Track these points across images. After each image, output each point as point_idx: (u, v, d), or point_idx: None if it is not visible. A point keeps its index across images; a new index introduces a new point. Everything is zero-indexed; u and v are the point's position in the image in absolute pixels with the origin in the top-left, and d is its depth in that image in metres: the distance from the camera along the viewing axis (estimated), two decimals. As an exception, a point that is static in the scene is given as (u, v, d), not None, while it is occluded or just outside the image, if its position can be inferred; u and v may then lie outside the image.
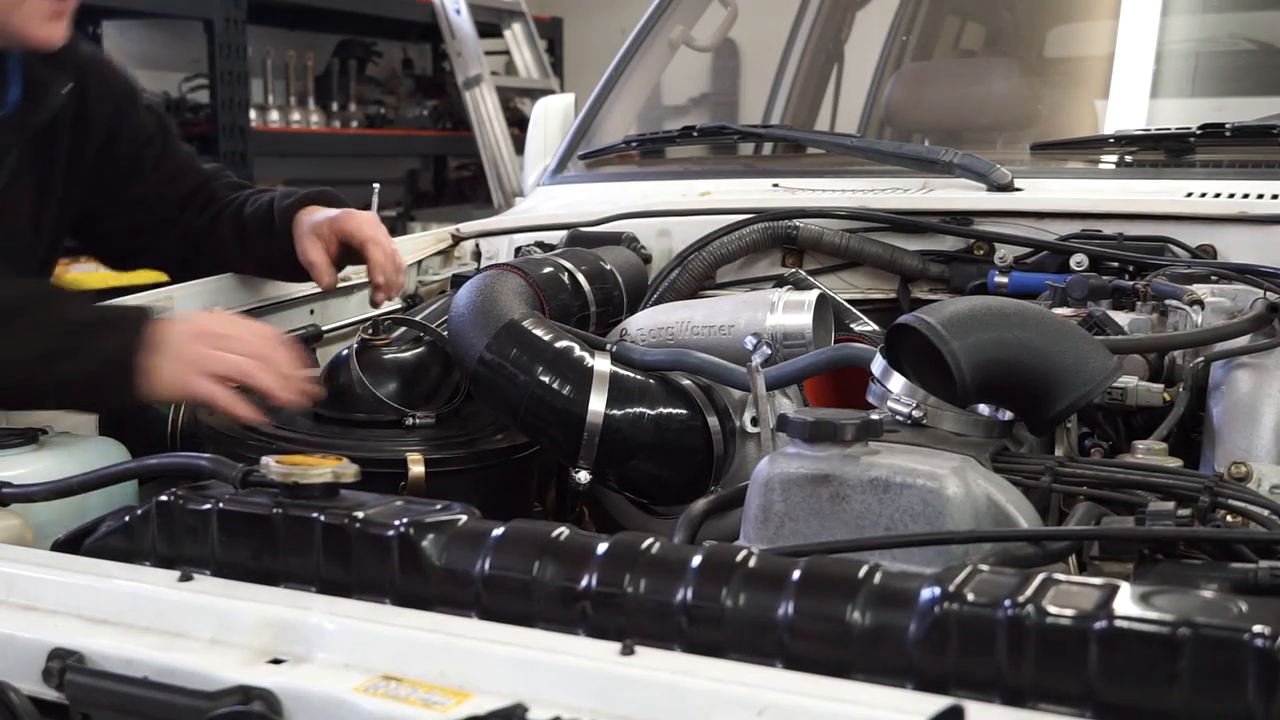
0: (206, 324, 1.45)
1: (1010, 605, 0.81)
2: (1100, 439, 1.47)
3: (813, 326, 1.59)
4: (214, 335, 1.43)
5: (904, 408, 1.26)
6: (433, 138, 7.00)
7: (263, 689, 0.87)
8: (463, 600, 0.97)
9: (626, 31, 2.95)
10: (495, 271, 1.77)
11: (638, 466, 1.53)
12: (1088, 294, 1.75)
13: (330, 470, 1.06)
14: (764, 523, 1.16)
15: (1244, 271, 1.72)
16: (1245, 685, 0.74)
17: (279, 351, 1.44)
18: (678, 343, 1.65)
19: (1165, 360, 1.54)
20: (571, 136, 2.73)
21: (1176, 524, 1.06)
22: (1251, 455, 1.33)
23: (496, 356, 1.53)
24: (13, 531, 1.23)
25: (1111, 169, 2.30)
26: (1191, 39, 3.06)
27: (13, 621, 0.98)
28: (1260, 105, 2.87)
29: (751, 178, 2.48)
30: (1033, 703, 0.79)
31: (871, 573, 0.88)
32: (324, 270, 1.85)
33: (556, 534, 0.98)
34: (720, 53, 5.93)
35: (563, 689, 0.83)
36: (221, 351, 1.42)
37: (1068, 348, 1.28)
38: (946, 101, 3.15)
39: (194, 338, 1.43)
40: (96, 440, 1.53)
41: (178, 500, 1.09)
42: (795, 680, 0.82)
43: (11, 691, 0.92)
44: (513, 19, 7.09)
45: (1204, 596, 0.82)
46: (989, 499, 1.12)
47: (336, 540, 1.02)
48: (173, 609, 0.97)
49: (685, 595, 0.91)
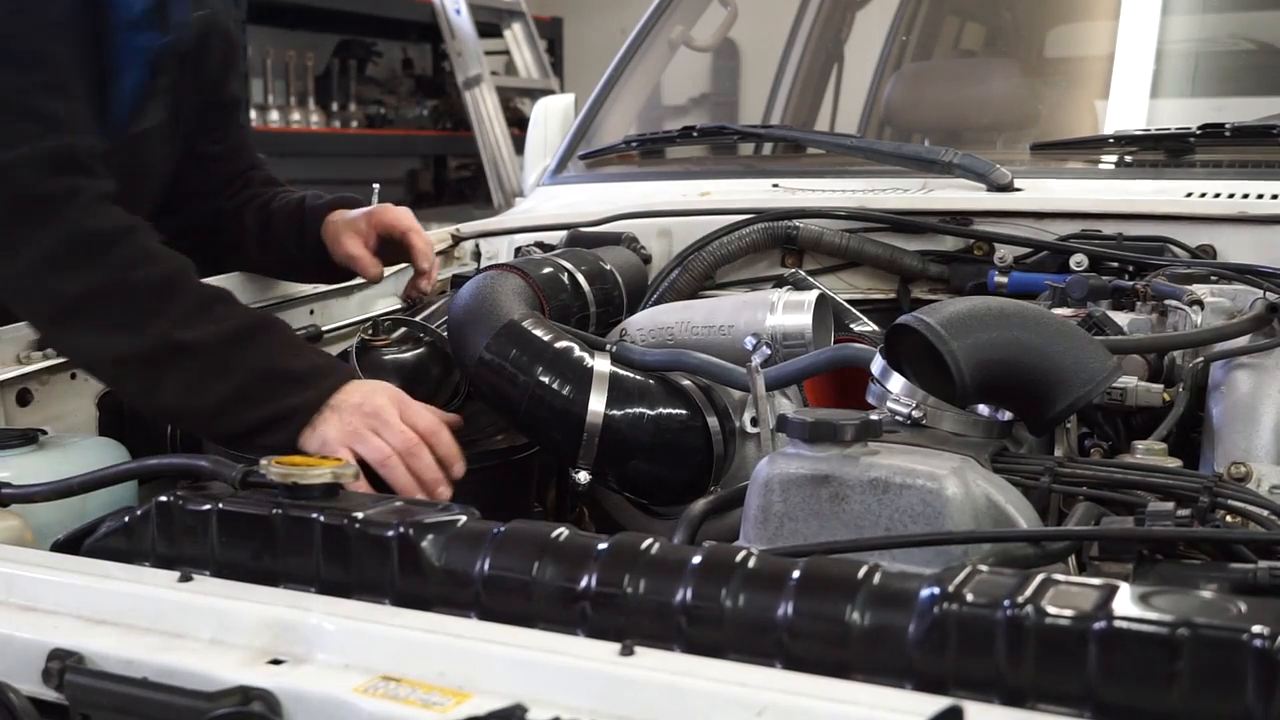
0: (378, 404, 1.44)
1: (1010, 606, 0.81)
2: (1100, 439, 1.47)
3: (812, 327, 1.59)
4: (377, 417, 1.43)
5: (903, 408, 1.26)
6: (433, 138, 7.01)
7: (262, 689, 0.87)
8: (462, 601, 0.97)
9: (626, 31, 2.96)
10: (495, 272, 1.77)
11: (637, 467, 1.53)
12: (1087, 294, 1.75)
13: (330, 471, 1.06)
14: (763, 523, 1.16)
15: (1244, 272, 1.72)
16: (1244, 686, 0.74)
17: (424, 453, 1.44)
18: (677, 343, 1.65)
19: (1165, 360, 1.54)
20: (571, 137, 2.73)
21: (1176, 524, 1.06)
22: (1251, 455, 1.33)
23: (496, 357, 1.53)
24: (13, 532, 1.23)
25: (1111, 169, 2.30)
26: (1191, 39, 3.07)
27: (12, 622, 0.98)
28: (1260, 105, 2.87)
29: (751, 178, 2.48)
30: (1032, 703, 0.79)
31: (871, 573, 0.88)
32: (368, 262, 1.88)
33: (556, 534, 0.98)
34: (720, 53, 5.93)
35: (562, 689, 0.83)
36: (375, 435, 1.42)
37: (1067, 348, 1.28)
38: (946, 101, 3.15)
39: (362, 415, 1.43)
40: (96, 441, 1.54)
41: (177, 501, 1.09)
42: (795, 681, 0.82)
43: (11, 692, 0.92)
44: (513, 19, 7.10)
45: (1203, 597, 0.82)
46: (988, 499, 1.13)
47: (336, 541, 1.02)
48: (172, 609, 0.97)
49: (685, 595, 0.91)
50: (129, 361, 1.43)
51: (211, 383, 1.42)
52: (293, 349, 1.48)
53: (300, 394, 1.43)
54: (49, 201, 1.41)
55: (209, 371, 1.42)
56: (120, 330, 1.42)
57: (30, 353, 1.62)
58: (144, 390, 1.46)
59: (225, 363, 1.42)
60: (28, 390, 1.62)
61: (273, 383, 1.43)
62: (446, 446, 1.47)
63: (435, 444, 1.46)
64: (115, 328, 1.42)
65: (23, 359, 1.61)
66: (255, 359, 1.43)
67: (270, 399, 1.43)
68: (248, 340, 1.44)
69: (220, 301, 1.48)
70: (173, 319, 1.41)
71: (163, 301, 1.42)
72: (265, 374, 1.44)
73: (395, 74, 7.24)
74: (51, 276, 1.41)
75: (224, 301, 1.48)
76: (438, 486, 1.44)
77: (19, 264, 1.42)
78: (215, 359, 1.42)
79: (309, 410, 1.43)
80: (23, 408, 1.61)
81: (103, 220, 1.43)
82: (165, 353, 1.41)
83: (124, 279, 1.42)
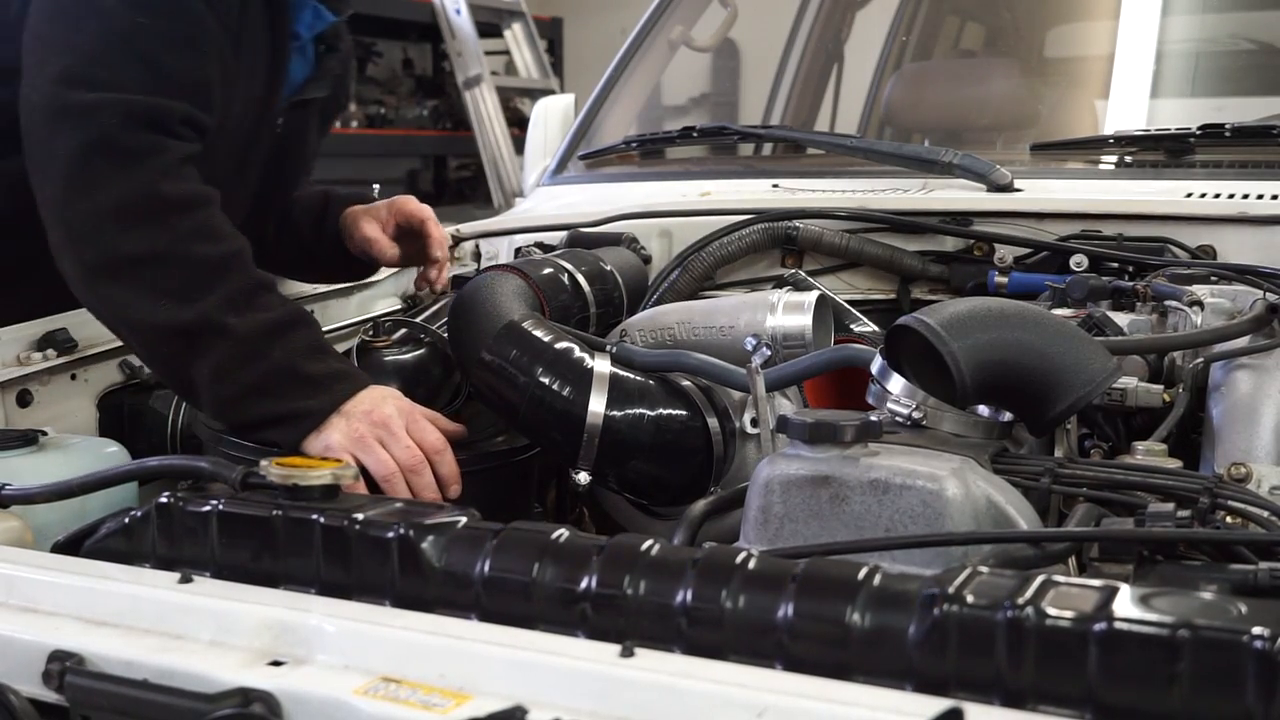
0: (386, 414, 1.45)
1: (1010, 607, 0.81)
2: (1100, 440, 1.47)
3: (812, 327, 1.59)
4: (385, 428, 1.44)
5: (903, 409, 1.26)
6: (433, 138, 7.00)
7: (262, 691, 0.87)
8: (462, 602, 0.97)
9: (626, 31, 2.96)
10: (495, 272, 1.77)
11: (638, 467, 1.53)
12: (1087, 295, 1.75)
13: (330, 472, 1.06)
14: (764, 524, 1.16)
15: (1244, 272, 1.72)
16: (1245, 687, 0.74)
17: (426, 472, 1.45)
18: (678, 344, 1.65)
19: (1165, 361, 1.54)
20: (571, 137, 2.73)
21: (1176, 525, 1.06)
22: (1251, 456, 1.33)
23: (496, 358, 1.53)
24: (13, 533, 1.23)
25: (1111, 169, 2.30)
26: (1191, 39, 3.07)
27: (12, 623, 0.98)
28: (1260, 105, 2.87)
29: (751, 178, 2.48)
30: (1032, 704, 0.79)
31: (871, 574, 0.88)
32: (385, 244, 1.90)
33: (556, 536, 0.98)
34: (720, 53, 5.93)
35: (562, 691, 0.83)
36: (381, 446, 1.43)
37: (1067, 349, 1.28)
38: (946, 101, 3.16)
39: (370, 423, 1.44)
40: (96, 442, 1.54)
41: (177, 502, 1.09)
42: (795, 682, 0.82)
43: (11, 694, 0.92)
44: (513, 19, 7.10)
45: (1203, 598, 0.82)
46: (988, 500, 1.12)
47: (336, 542, 1.02)
48: (172, 611, 0.97)
49: (685, 597, 0.91)
50: (168, 331, 1.42)
51: (237, 369, 1.42)
52: (318, 353, 1.49)
53: (314, 397, 1.44)
54: (131, 154, 1.40)
55: (239, 358, 1.42)
56: (169, 298, 1.41)
57: (30, 353, 1.62)
58: (174, 360, 1.45)
59: (254, 353, 1.42)
60: (28, 391, 1.62)
61: (291, 382, 1.44)
62: (448, 467, 1.48)
63: (438, 463, 1.47)
64: (165, 294, 1.41)
65: (23, 359, 1.62)
66: (282, 355, 1.44)
67: (284, 397, 1.43)
68: (280, 335, 1.45)
69: (267, 290, 1.48)
70: (222, 299, 1.41)
71: (217, 280, 1.42)
72: (287, 372, 1.44)
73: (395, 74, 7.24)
74: (115, 228, 1.40)
75: (270, 290, 1.49)
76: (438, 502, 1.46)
77: (86, 205, 1.41)
78: (248, 347, 1.42)
79: (319, 415, 1.44)
80: (23, 408, 1.61)
81: (180, 186, 1.43)
82: (207, 330, 1.41)
83: (187, 250, 1.41)
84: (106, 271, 1.43)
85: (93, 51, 1.42)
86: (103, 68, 1.41)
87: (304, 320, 1.51)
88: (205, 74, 1.49)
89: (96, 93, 1.40)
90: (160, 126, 1.43)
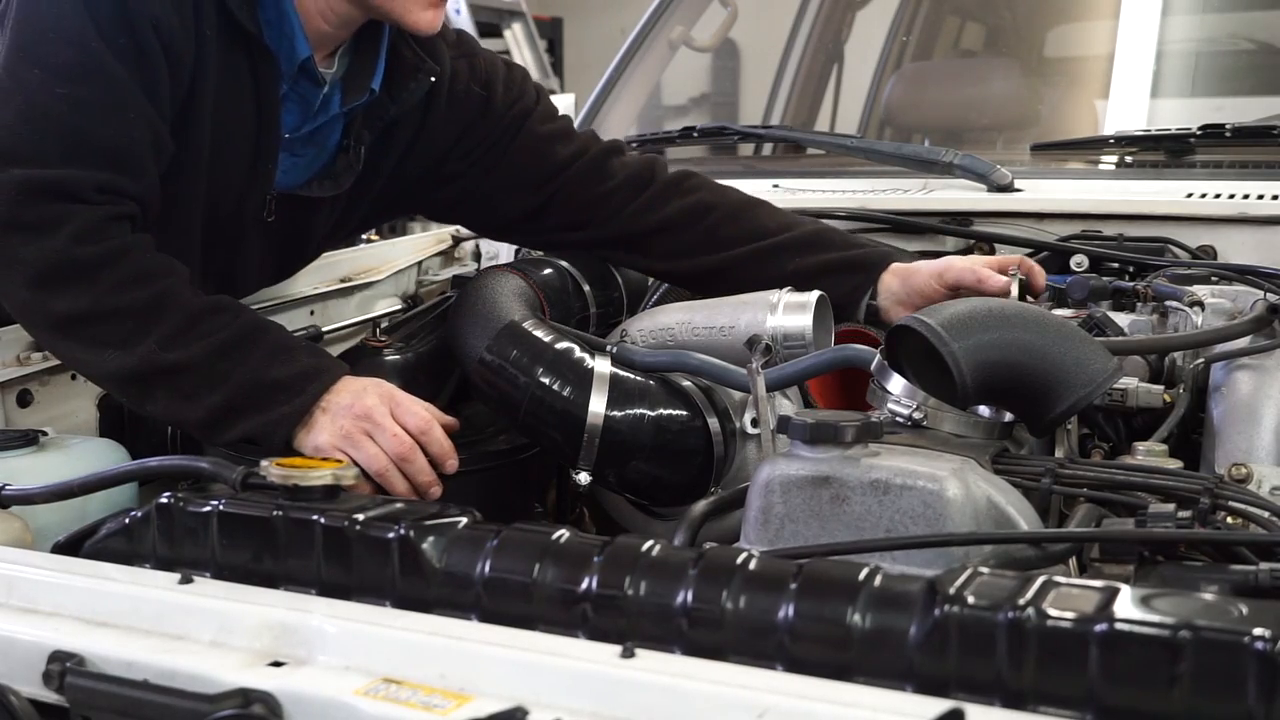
0: (368, 405, 1.45)
1: (1011, 608, 0.81)
2: (1101, 440, 1.47)
3: (813, 328, 1.59)
4: (369, 419, 1.44)
5: (904, 409, 1.26)
6: (433, 138, 6.97)
7: (263, 692, 0.87)
8: (463, 603, 0.97)
9: (626, 31, 2.96)
10: (496, 272, 1.77)
11: (638, 468, 1.52)
12: (1088, 295, 1.75)
13: (330, 473, 1.06)
14: (764, 524, 1.16)
15: (1244, 272, 1.73)
16: (1246, 688, 0.74)
17: (418, 457, 1.45)
18: (678, 344, 1.65)
19: (1165, 361, 1.54)
20: (572, 137, 2.72)
21: (1177, 526, 1.06)
22: (1252, 456, 1.33)
23: (497, 358, 1.53)
24: (13, 533, 1.23)
25: (1112, 169, 2.30)
26: (1191, 39, 3.06)
27: (13, 624, 0.98)
28: (1260, 105, 2.87)
29: (751, 178, 2.47)
30: (1033, 705, 0.79)
31: (872, 575, 0.88)
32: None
33: (557, 536, 0.98)
34: (720, 53, 5.93)
35: (563, 692, 0.83)
36: (369, 440, 1.44)
37: (1068, 349, 1.28)
38: (946, 102, 3.16)
39: (353, 417, 1.44)
40: (97, 442, 1.54)
41: (178, 502, 1.09)
42: (796, 683, 0.82)
43: (11, 694, 0.92)
44: (513, 19, 7.09)
45: (1204, 599, 0.82)
46: (989, 501, 1.12)
47: (337, 543, 1.02)
48: (173, 611, 0.97)
49: (686, 598, 0.90)
50: (120, 378, 1.46)
51: (202, 395, 1.44)
52: (283, 355, 1.48)
53: (289, 401, 1.44)
54: (35, 228, 1.43)
55: (199, 385, 1.44)
56: (112, 348, 1.44)
57: (30, 353, 1.62)
58: (136, 402, 1.51)
59: (213, 376, 1.44)
60: (28, 391, 1.62)
61: (261, 392, 1.45)
62: (439, 444, 1.47)
63: (427, 443, 1.46)
64: (108, 345, 1.44)
65: (23, 359, 1.62)
66: (243, 370, 1.45)
67: (258, 409, 1.44)
68: (236, 352, 1.45)
69: (212, 313, 1.47)
70: (160, 339, 1.43)
71: (151, 322, 1.44)
72: (253, 385, 1.45)
73: (395, 74, 7.23)
74: (43, 295, 1.44)
75: (217, 313, 1.48)
76: (431, 488, 1.46)
77: (10, 280, 1.45)
78: (204, 373, 1.44)
79: (297, 415, 1.44)
80: (23, 409, 1.61)
81: (98, 246, 1.44)
82: (154, 371, 1.43)
83: (115, 302, 1.43)
84: (52, 333, 1.48)
85: (13, 126, 1.44)
86: (24, 143, 1.44)
87: (260, 329, 1.51)
88: (129, 138, 1.49)
89: (7, 170, 1.42)
90: (69, 195, 1.44)
